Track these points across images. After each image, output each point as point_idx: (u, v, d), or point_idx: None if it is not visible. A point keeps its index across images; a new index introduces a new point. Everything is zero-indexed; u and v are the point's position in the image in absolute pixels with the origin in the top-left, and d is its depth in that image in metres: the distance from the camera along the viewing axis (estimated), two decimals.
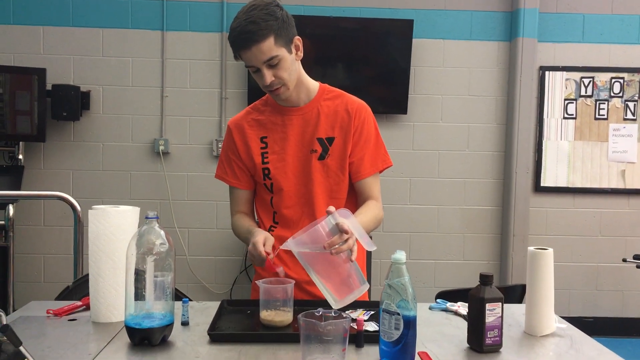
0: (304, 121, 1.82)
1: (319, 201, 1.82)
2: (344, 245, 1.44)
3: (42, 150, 4.24)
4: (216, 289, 4.37)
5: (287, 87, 1.73)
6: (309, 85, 1.84)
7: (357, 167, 1.84)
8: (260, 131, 1.85)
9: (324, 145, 1.81)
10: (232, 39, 1.66)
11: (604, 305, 4.54)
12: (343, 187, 1.86)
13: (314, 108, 1.83)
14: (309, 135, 1.82)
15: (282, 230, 1.84)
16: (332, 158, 1.81)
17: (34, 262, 4.28)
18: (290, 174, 1.82)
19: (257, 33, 1.61)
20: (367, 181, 1.85)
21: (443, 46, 4.39)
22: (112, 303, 1.56)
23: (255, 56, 1.64)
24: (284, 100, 1.79)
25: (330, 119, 1.82)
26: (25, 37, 4.20)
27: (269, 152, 1.83)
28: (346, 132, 1.82)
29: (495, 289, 1.39)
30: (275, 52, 1.65)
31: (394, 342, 1.26)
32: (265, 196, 1.87)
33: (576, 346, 1.44)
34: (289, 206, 1.84)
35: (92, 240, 1.56)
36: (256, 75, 1.72)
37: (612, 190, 4.46)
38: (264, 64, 1.66)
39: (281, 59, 1.67)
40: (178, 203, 4.32)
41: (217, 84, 4.31)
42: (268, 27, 1.62)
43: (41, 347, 1.35)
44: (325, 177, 1.82)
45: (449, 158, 4.42)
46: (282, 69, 1.69)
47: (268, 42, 1.63)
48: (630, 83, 4.42)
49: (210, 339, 1.42)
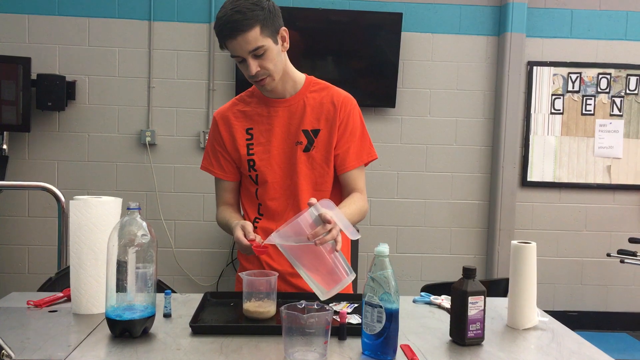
0: (290, 113, 1.82)
1: (303, 193, 1.81)
2: (327, 236, 1.44)
3: (26, 140, 4.19)
4: (202, 281, 4.36)
5: (273, 77, 1.72)
6: (295, 77, 1.83)
7: (342, 160, 1.83)
8: (246, 122, 1.84)
9: (309, 137, 1.81)
10: (218, 28, 1.65)
11: (588, 299, 4.58)
12: (328, 180, 1.85)
13: (299, 100, 1.82)
14: (295, 127, 1.81)
15: (267, 222, 1.83)
16: (317, 150, 1.81)
17: (18, 253, 4.24)
18: (275, 165, 1.81)
19: (242, 23, 1.60)
20: (352, 173, 1.85)
21: (432, 40, 4.39)
22: (93, 294, 1.54)
23: (240, 46, 1.63)
24: (269, 91, 1.79)
25: (316, 111, 1.82)
26: (10, 25, 4.14)
27: (254, 144, 1.82)
28: (332, 124, 1.81)
29: (478, 282, 1.39)
30: (261, 42, 1.64)
31: (376, 334, 1.26)
32: (250, 188, 1.86)
33: (557, 339, 1.44)
34: (274, 198, 1.83)
35: (74, 231, 1.55)
36: (242, 66, 1.71)
37: (598, 186, 4.49)
38: (249, 54, 1.65)
39: (267, 50, 1.66)
40: (164, 195, 4.30)
41: (205, 75, 4.28)
42: (254, 17, 1.61)
43: (20, 339, 1.33)
44: (311, 169, 1.82)
45: (436, 152, 4.43)
46: (268, 59, 1.68)
47: (254, 32, 1.62)
48: (617, 79, 4.45)
49: (192, 331, 1.41)
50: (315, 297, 1.49)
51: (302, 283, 1.82)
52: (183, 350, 1.29)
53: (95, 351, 1.28)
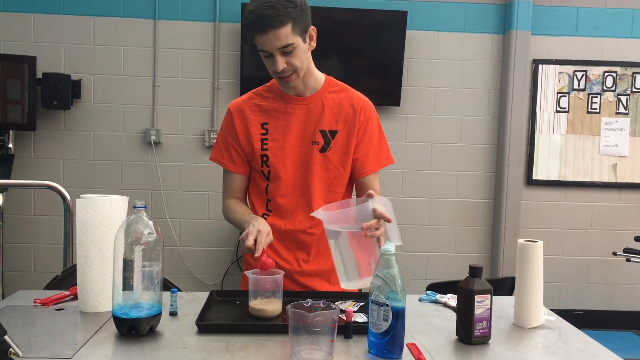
0: (308, 111, 1.81)
1: (316, 193, 1.81)
2: (377, 231, 1.50)
3: (32, 139, 4.20)
4: (207, 279, 4.36)
5: (298, 75, 1.72)
6: (316, 77, 1.83)
7: (361, 164, 1.85)
8: (262, 117, 1.83)
9: (326, 138, 1.80)
10: (249, 21, 1.63)
11: (593, 298, 4.56)
12: (342, 182, 1.86)
13: (318, 99, 1.82)
14: (312, 127, 1.80)
15: (275, 219, 1.83)
16: (333, 151, 1.81)
17: (24, 252, 4.26)
18: (288, 162, 1.80)
19: (275, 19, 1.59)
20: (369, 177, 1.88)
21: (437, 38, 4.38)
22: (100, 293, 1.55)
23: (270, 42, 1.63)
24: (291, 88, 1.78)
25: (335, 112, 1.82)
26: (15, 24, 4.15)
27: (269, 139, 1.81)
28: (350, 127, 1.81)
29: (485, 281, 1.39)
30: (291, 39, 1.64)
31: (383, 333, 1.26)
32: (260, 183, 1.85)
33: (564, 338, 1.44)
34: (284, 195, 1.82)
35: (80, 230, 1.55)
36: (268, 60, 1.69)
37: (604, 184, 4.48)
38: (278, 50, 1.64)
39: (296, 47, 1.66)
40: (169, 193, 4.30)
41: (210, 73, 4.28)
42: (287, 13, 1.61)
43: (27, 337, 1.34)
44: (326, 170, 1.81)
45: (441, 150, 4.42)
46: (296, 57, 1.68)
47: (285, 29, 1.61)
48: (623, 77, 4.43)
49: (198, 329, 1.42)
50: (322, 296, 1.49)
51: (309, 281, 1.83)
52: (189, 349, 1.30)
53: (102, 349, 1.29)
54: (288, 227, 1.82)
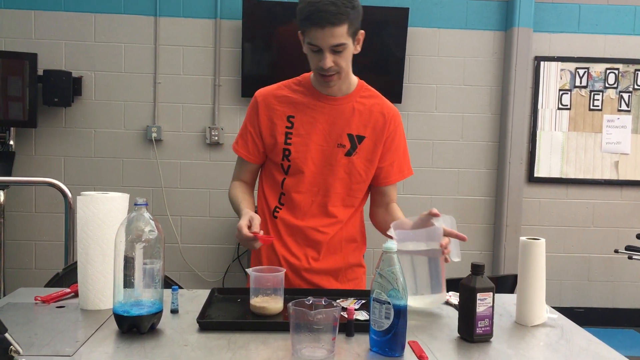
0: (337, 112, 1.79)
1: (335, 195, 1.81)
2: (446, 250, 1.54)
3: (33, 136, 4.20)
4: (209, 277, 4.36)
5: (340, 76, 1.71)
6: (351, 79, 1.82)
7: (386, 173, 1.85)
8: (289, 109, 1.80)
9: (353, 142, 1.79)
10: (307, 13, 1.60)
11: (595, 295, 4.56)
12: (363, 187, 1.86)
13: (349, 102, 1.81)
14: (339, 128, 1.79)
15: (287, 214, 1.82)
16: (358, 157, 1.80)
17: (25, 249, 4.26)
18: (310, 160, 1.78)
19: (336, 16, 1.58)
20: (390, 187, 1.90)
21: (438, 35, 4.37)
22: (101, 290, 1.54)
23: (324, 37, 1.61)
24: (329, 88, 1.76)
25: (364, 118, 1.81)
26: (16, 21, 4.15)
27: (293, 134, 1.79)
28: (379, 135, 1.81)
29: (487, 279, 1.38)
30: (345, 39, 1.63)
31: (384, 331, 1.26)
32: (276, 176, 1.83)
33: (567, 336, 1.43)
34: (301, 192, 1.81)
35: (81, 227, 1.55)
36: (314, 55, 1.67)
37: (606, 182, 4.47)
38: (329, 47, 1.63)
39: (346, 48, 1.65)
40: (171, 191, 4.30)
41: (211, 71, 4.27)
42: (346, 13, 1.60)
43: (28, 334, 1.33)
44: (348, 174, 1.80)
45: (442, 148, 4.42)
46: (343, 57, 1.67)
47: (342, 28, 1.60)
48: (625, 74, 4.42)
49: (199, 327, 1.41)
50: (323, 293, 1.49)
51: (317, 279, 1.82)
52: (190, 346, 1.29)
53: (103, 347, 1.28)
54: (301, 224, 1.81)
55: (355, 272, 1.91)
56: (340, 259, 1.87)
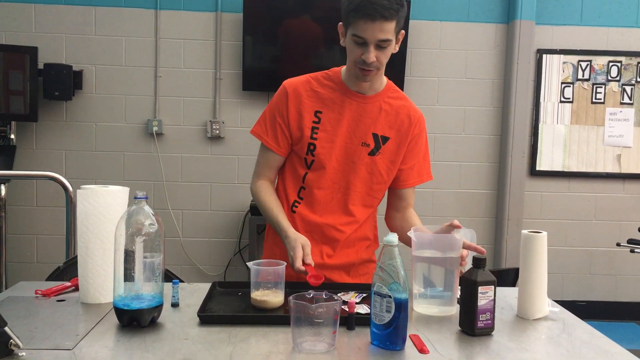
0: (364, 111, 1.79)
1: (355, 194, 1.81)
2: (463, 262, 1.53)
3: (34, 130, 4.20)
4: (210, 270, 4.36)
5: (378, 72, 1.71)
6: (382, 79, 1.82)
7: (405, 175, 1.86)
8: (316, 104, 1.79)
9: (377, 142, 1.79)
10: (359, 4, 1.58)
11: (597, 289, 4.56)
12: (383, 188, 1.87)
13: (377, 101, 1.80)
14: (365, 127, 1.78)
15: (305, 209, 1.82)
16: (382, 157, 1.80)
17: (27, 243, 4.26)
18: (334, 157, 1.78)
19: (388, 10, 1.58)
20: (409, 190, 1.91)
21: (440, 28, 4.35)
22: (101, 284, 1.54)
23: (373, 31, 1.60)
24: (365, 83, 1.75)
25: (390, 119, 1.80)
26: (17, 15, 4.13)
27: (319, 129, 1.77)
28: (403, 137, 1.81)
29: (488, 272, 1.38)
30: (391, 36, 1.62)
31: (385, 324, 1.25)
32: (299, 169, 1.82)
33: (568, 330, 1.43)
34: (322, 188, 1.80)
35: (81, 221, 1.54)
36: (357, 47, 1.66)
37: (608, 175, 4.45)
38: (376, 41, 1.62)
39: (389, 45, 1.65)
40: (172, 184, 4.30)
41: (212, 64, 4.26)
42: (397, 10, 1.60)
43: (28, 328, 1.33)
44: (370, 173, 1.80)
45: (444, 141, 4.40)
46: (385, 54, 1.67)
47: (391, 23, 1.60)
48: (628, 67, 4.40)
49: (200, 320, 1.41)
50: (324, 287, 1.48)
51: (330, 274, 1.82)
52: (191, 340, 1.29)
53: (104, 340, 1.28)
54: (320, 220, 1.81)
55: (367, 267, 1.92)
56: (353, 255, 1.88)
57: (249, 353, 1.22)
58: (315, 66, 3.99)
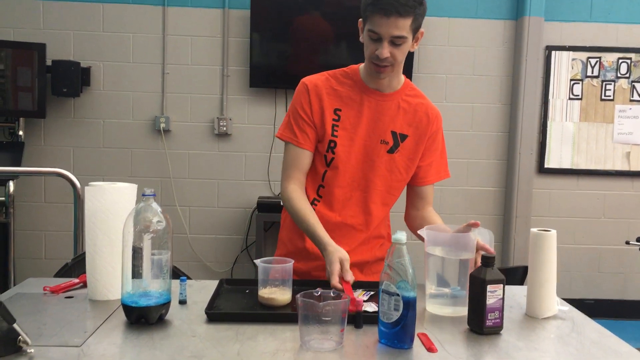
0: (383, 108, 1.79)
1: (374, 192, 1.81)
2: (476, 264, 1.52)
3: (42, 127, 4.21)
4: (217, 267, 4.37)
5: (393, 68, 1.70)
6: (400, 77, 1.82)
7: (424, 173, 1.86)
8: (336, 102, 1.78)
9: (395, 140, 1.79)
10: None
11: (605, 287, 4.53)
12: (402, 186, 1.86)
13: (395, 99, 1.80)
14: (384, 125, 1.78)
15: (324, 208, 1.81)
16: (400, 155, 1.80)
17: (35, 239, 4.28)
18: (353, 155, 1.78)
19: (404, 6, 1.57)
20: (427, 187, 1.90)
21: (448, 24, 4.32)
22: (109, 281, 1.54)
23: (387, 27, 1.59)
24: (380, 80, 1.75)
25: (409, 117, 1.80)
26: (25, 11, 4.15)
27: (339, 127, 1.77)
28: (421, 135, 1.81)
29: (497, 271, 1.37)
30: (406, 33, 1.62)
31: (393, 323, 1.25)
32: (319, 167, 1.81)
33: (578, 329, 1.42)
34: (341, 186, 1.80)
35: (89, 218, 1.55)
36: (372, 43, 1.66)
37: (617, 172, 4.42)
38: (390, 37, 1.61)
39: (405, 42, 1.64)
40: (179, 181, 4.30)
41: (219, 61, 4.26)
42: (414, 6, 1.59)
43: (37, 325, 1.33)
44: (389, 171, 1.80)
45: (452, 138, 4.38)
46: (401, 51, 1.66)
47: (407, 20, 1.60)
48: (638, 63, 4.36)
49: (207, 318, 1.41)
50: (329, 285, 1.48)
51: None
52: (199, 337, 1.29)
53: (112, 337, 1.28)
54: (338, 219, 1.81)
55: (380, 265, 1.89)
56: (368, 253, 1.88)
57: (257, 351, 1.22)
58: (323, 63, 3.99)
